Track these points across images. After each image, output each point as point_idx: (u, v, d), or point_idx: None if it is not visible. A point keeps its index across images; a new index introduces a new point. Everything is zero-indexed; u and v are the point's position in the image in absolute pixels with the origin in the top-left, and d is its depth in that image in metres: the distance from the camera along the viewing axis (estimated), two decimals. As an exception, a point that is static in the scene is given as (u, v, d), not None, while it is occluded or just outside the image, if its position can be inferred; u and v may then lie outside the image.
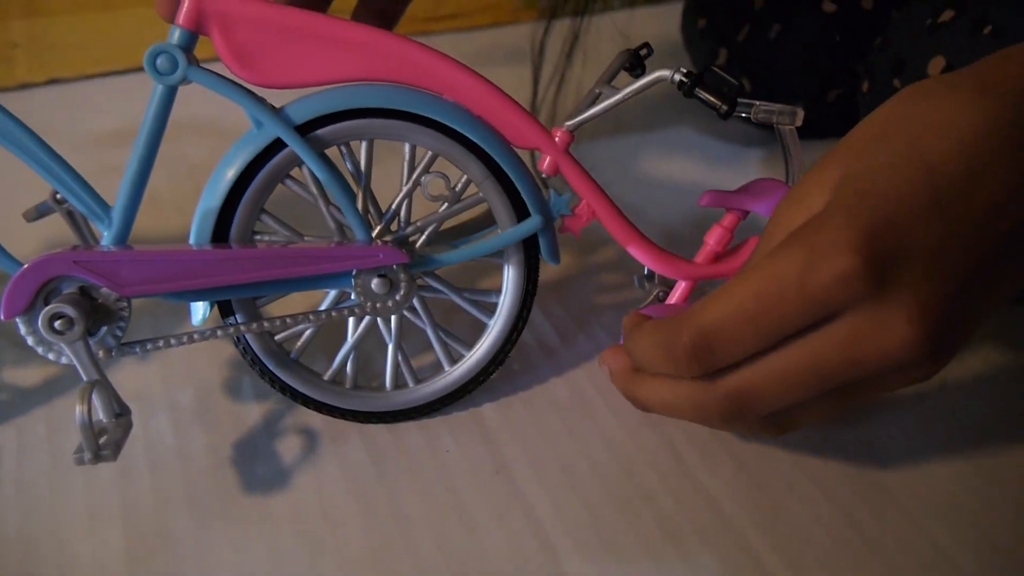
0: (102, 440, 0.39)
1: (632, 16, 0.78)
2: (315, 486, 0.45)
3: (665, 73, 0.42)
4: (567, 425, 0.48)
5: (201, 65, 0.41)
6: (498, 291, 0.47)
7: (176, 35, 0.40)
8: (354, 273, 0.43)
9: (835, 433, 0.48)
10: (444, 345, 0.47)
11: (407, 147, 0.44)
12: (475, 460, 0.47)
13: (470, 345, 0.48)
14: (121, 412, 0.41)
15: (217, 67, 0.41)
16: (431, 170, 0.44)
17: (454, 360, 0.48)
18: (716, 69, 0.42)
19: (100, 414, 0.41)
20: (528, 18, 0.88)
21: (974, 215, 0.34)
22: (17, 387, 0.51)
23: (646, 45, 0.47)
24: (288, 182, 0.44)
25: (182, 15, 0.40)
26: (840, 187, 0.35)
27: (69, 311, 0.39)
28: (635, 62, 0.47)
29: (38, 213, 0.44)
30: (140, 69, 0.40)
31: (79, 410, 0.38)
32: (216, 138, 0.74)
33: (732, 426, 0.39)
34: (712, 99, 0.41)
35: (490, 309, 0.47)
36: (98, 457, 0.38)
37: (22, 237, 0.45)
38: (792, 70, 0.68)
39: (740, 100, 0.42)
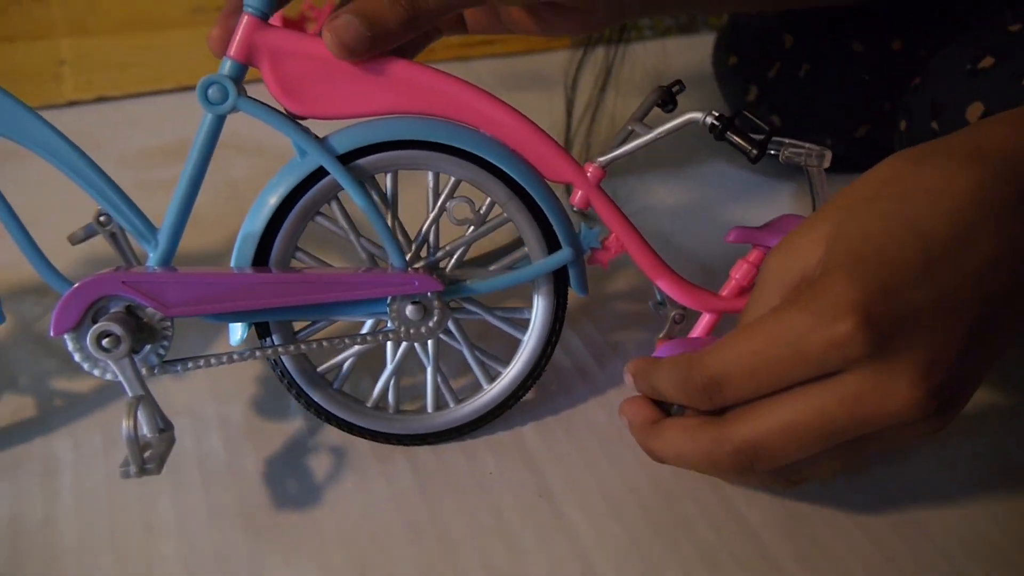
0: (147, 454, 0.40)
1: (664, 46, 0.78)
2: (362, 505, 0.46)
3: (697, 116, 0.43)
4: (606, 451, 0.49)
5: (249, 96, 0.42)
6: (529, 307, 0.48)
7: (227, 66, 0.41)
8: (389, 300, 0.44)
9: (872, 468, 0.48)
10: (481, 364, 0.48)
11: (430, 175, 0.45)
12: (517, 483, 0.47)
13: (506, 362, 0.48)
14: (164, 427, 0.42)
15: (256, 91, 0.42)
16: (454, 195, 0.45)
17: (492, 378, 0.49)
18: (747, 113, 0.42)
19: (144, 429, 0.42)
20: (562, 45, 0.89)
21: (965, 278, 0.35)
22: (72, 394, 0.52)
23: (679, 82, 0.48)
24: (318, 218, 0.45)
25: (234, 47, 0.41)
26: (834, 247, 0.36)
27: (117, 330, 0.40)
28: (667, 98, 0.48)
29: (84, 235, 0.45)
30: (186, 88, 0.42)
31: (125, 425, 0.39)
32: (257, 157, 0.75)
33: (744, 479, 0.41)
34: (742, 143, 0.42)
35: (523, 325, 0.48)
36: (143, 471, 0.39)
37: (64, 254, 0.46)
38: (822, 108, 0.69)
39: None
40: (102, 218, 0.44)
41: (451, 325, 0.47)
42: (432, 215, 0.45)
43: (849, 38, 0.68)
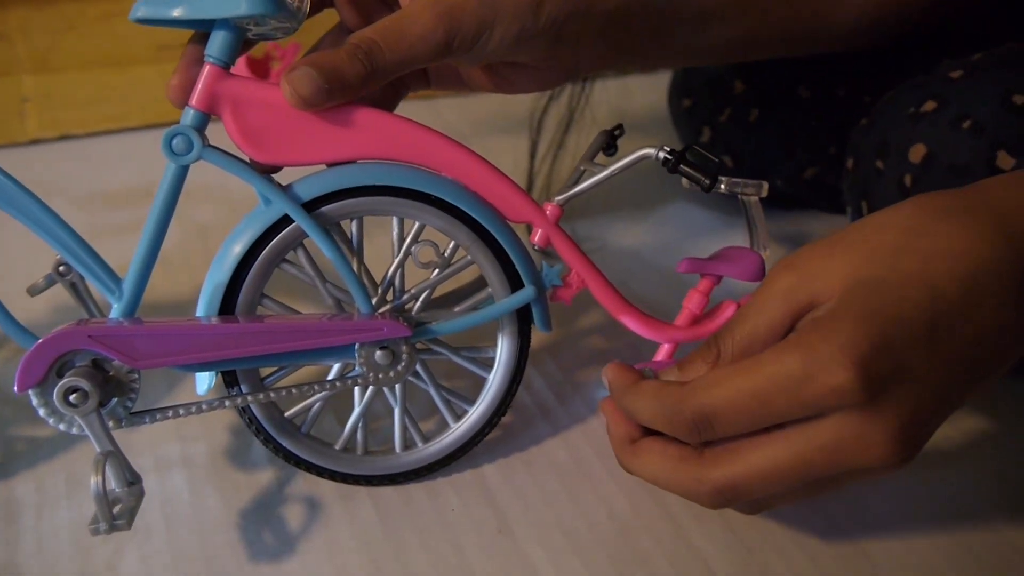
0: (116, 509, 0.39)
1: (626, 85, 0.78)
2: (326, 545, 0.45)
3: (650, 151, 0.43)
4: (566, 487, 0.49)
5: (213, 146, 0.40)
6: (494, 346, 0.47)
7: (190, 116, 0.40)
8: (357, 346, 0.43)
9: (822, 501, 0.48)
10: (447, 403, 0.48)
11: (395, 220, 0.44)
12: (479, 520, 0.47)
13: (472, 400, 0.48)
14: (133, 480, 0.41)
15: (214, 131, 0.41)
16: (419, 239, 0.44)
17: (458, 416, 0.48)
18: (696, 147, 0.43)
19: (113, 483, 0.40)
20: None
21: (961, 344, 0.36)
22: (32, 438, 0.51)
23: (619, 127, 0.49)
24: (284, 265, 0.44)
25: (195, 97, 0.40)
26: (853, 292, 0.36)
27: (84, 385, 0.39)
28: (609, 142, 0.48)
29: (45, 285, 0.43)
30: (151, 126, 0.41)
31: (93, 481, 0.38)
32: (223, 202, 0.73)
33: (717, 507, 0.40)
34: (695, 174, 0.42)
35: (488, 363, 0.47)
36: (113, 527, 0.38)
37: (24, 302, 0.44)
38: (771, 150, 0.70)
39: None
40: (62, 268, 0.43)
41: (418, 366, 0.46)
42: (397, 259, 0.44)
43: (796, 85, 0.69)
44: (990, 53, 0.53)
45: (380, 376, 0.44)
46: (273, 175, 0.42)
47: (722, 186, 0.43)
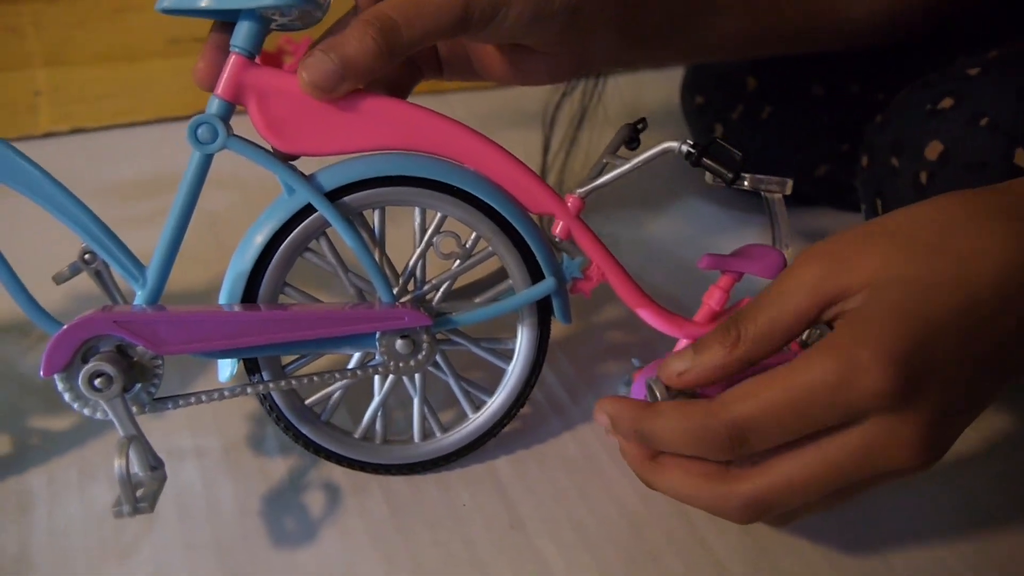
0: (139, 493, 0.39)
1: (639, 80, 0.78)
2: (338, 538, 0.45)
3: (673, 145, 0.43)
4: (578, 483, 0.48)
5: (237, 135, 0.41)
6: (513, 337, 0.47)
7: (215, 105, 0.40)
8: (378, 335, 0.43)
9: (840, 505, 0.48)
10: (467, 394, 0.48)
11: (417, 210, 0.44)
12: (490, 514, 0.46)
13: (491, 392, 0.48)
14: (156, 465, 0.41)
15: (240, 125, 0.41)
16: (441, 230, 0.44)
17: (477, 407, 0.48)
18: (720, 141, 0.42)
19: (136, 467, 0.40)
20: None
21: (991, 346, 0.35)
22: (48, 432, 0.50)
23: (643, 120, 0.48)
24: (307, 254, 0.44)
25: (221, 86, 0.40)
26: (887, 289, 0.35)
27: (109, 370, 0.39)
28: (632, 136, 0.48)
29: (70, 273, 0.43)
30: (163, 120, 0.41)
31: (118, 464, 0.38)
32: (241, 192, 0.73)
33: (745, 522, 0.40)
34: (718, 167, 0.42)
35: (507, 355, 0.47)
36: (136, 509, 0.38)
37: (48, 291, 0.44)
38: (784, 148, 0.70)
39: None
40: (87, 256, 0.43)
41: (438, 357, 0.46)
42: (419, 250, 0.44)
43: (810, 82, 0.69)
44: (1007, 50, 0.53)
45: (400, 365, 0.44)
46: (295, 164, 0.43)
47: (746, 182, 0.42)
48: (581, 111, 0.62)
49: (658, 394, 0.43)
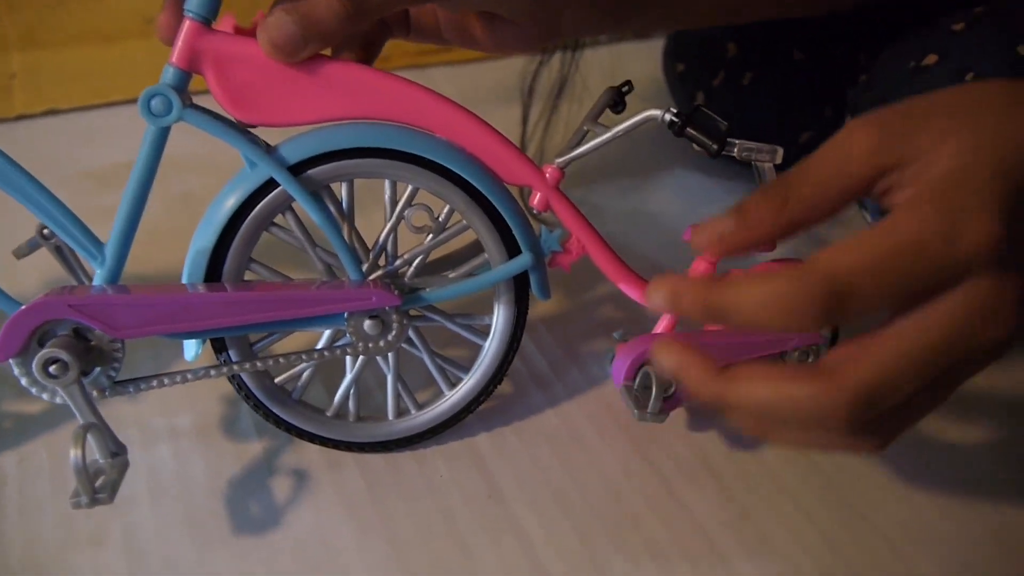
0: (99, 482, 0.37)
1: (619, 52, 0.76)
2: (313, 512, 0.44)
3: (655, 112, 0.41)
4: (557, 453, 0.47)
5: (194, 105, 0.38)
6: (490, 313, 0.45)
7: (170, 74, 0.38)
8: (347, 315, 0.41)
9: (816, 459, 0.47)
10: (442, 371, 0.46)
11: (387, 183, 0.42)
12: (468, 486, 0.45)
13: (467, 368, 0.46)
14: (117, 451, 0.39)
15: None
16: (412, 202, 0.42)
17: (453, 384, 0.46)
18: (705, 109, 0.40)
19: (96, 454, 0.38)
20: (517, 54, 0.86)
21: None
22: (19, 414, 0.49)
23: (628, 83, 0.46)
24: (273, 229, 0.42)
25: (175, 54, 0.38)
26: (953, 149, 0.31)
27: (64, 356, 0.37)
28: (617, 99, 0.46)
29: (28, 249, 0.42)
30: (137, 101, 0.38)
31: (73, 454, 0.36)
32: (207, 169, 0.71)
33: (849, 438, 0.33)
34: (702, 138, 0.40)
35: (484, 331, 0.45)
36: (94, 500, 0.36)
37: (14, 270, 0.42)
38: (766, 114, 0.68)
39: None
40: (45, 231, 0.41)
41: (411, 333, 0.44)
42: (390, 224, 0.42)
43: (791, 47, 0.67)
44: (992, 6, 0.51)
45: (370, 346, 0.42)
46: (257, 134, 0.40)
47: (735, 151, 0.40)
48: (560, 80, 0.60)
49: (654, 381, 0.42)
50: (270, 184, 0.40)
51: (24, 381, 0.38)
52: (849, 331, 0.34)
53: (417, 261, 0.43)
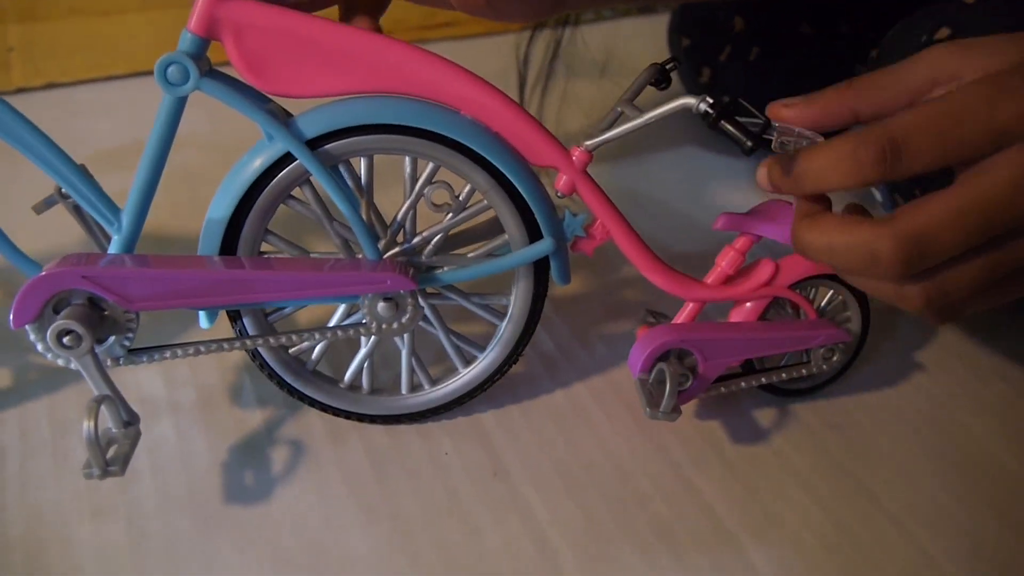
0: (110, 453, 0.37)
1: (622, 26, 0.75)
2: (315, 488, 0.43)
3: (690, 101, 0.39)
4: (563, 431, 0.47)
5: (213, 73, 0.37)
6: (507, 293, 0.44)
7: (187, 40, 0.37)
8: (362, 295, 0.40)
9: (822, 438, 0.47)
10: (457, 349, 0.45)
11: (407, 159, 0.41)
12: (473, 463, 0.45)
13: (482, 347, 0.45)
14: (130, 420, 0.38)
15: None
16: (432, 180, 0.41)
17: (468, 361, 0.46)
18: (742, 102, 0.39)
19: (109, 423, 0.38)
20: (520, 27, 0.85)
21: None
22: (20, 387, 0.48)
23: (674, 60, 0.45)
24: (290, 202, 0.41)
25: (193, 20, 0.37)
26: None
27: (77, 328, 0.36)
28: (662, 76, 0.44)
29: (46, 205, 0.41)
30: (137, 74, 0.37)
31: (86, 426, 0.35)
32: (214, 148, 0.70)
33: (900, 284, 0.37)
34: (737, 134, 0.39)
35: (501, 311, 0.45)
36: (106, 472, 0.36)
37: (35, 226, 0.42)
38: (772, 90, 0.67)
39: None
40: (63, 190, 0.40)
41: (428, 310, 0.44)
42: (409, 201, 0.41)
43: (798, 21, 0.66)
44: None
45: (384, 327, 0.41)
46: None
47: (774, 144, 0.39)
48: (555, 43, 0.59)
49: (668, 378, 0.42)
50: (288, 156, 0.39)
51: (39, 347, 0.38)
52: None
53: (436, 239, 0.42)
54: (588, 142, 0.41)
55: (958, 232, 0.34)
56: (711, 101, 0.39)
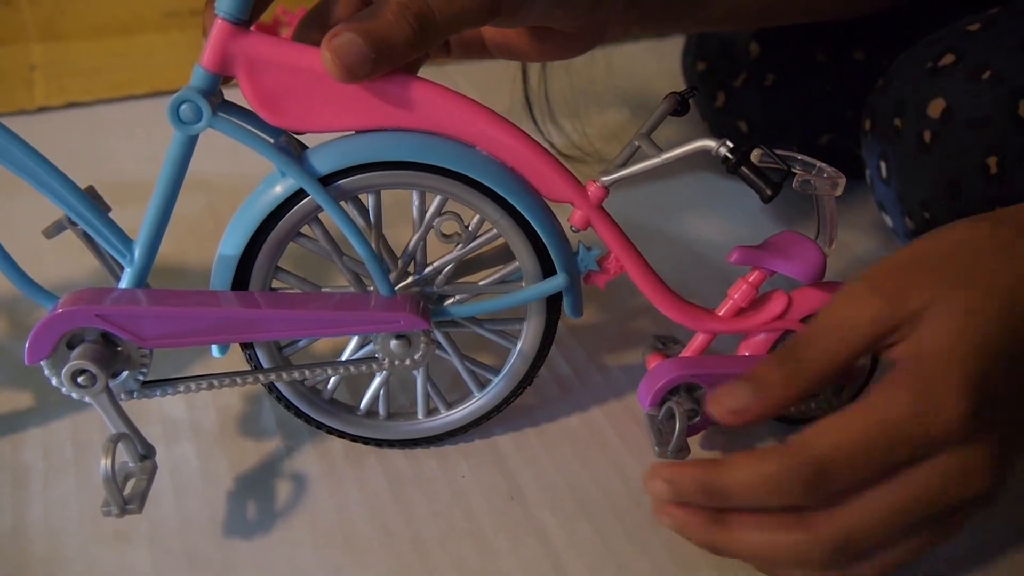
0: (127, 490, 0.37)
1: (636, 50, 0.74)
2: (335, 509, 0.43)
3: (710, 144, 0.38)
4: (579, 454, 0.47)
5: (226, 108, 0.37)
6: (520, 318, 0.44)
7: (200, 77, 0.36)
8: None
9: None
10: (472, 373, 0.45)
11: (415, 193, 0.40)
12: (490, 486, 0.45)
13: (496, 371, 0.45)
14: (146, 454, 0.38)
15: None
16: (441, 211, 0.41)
17: (483, 385, 0.45)
18: (764, 148, 0.38)
19: (125, 457, 0.38)
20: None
21: None
22: (43, 408, 0.48)
23: (693, 88, 0.44)
24: (299, 239, 0.40)
25: (206, 55, 0.36)
26: (942, 324, 0.34)
27: (91, 368, 0.36)
28: (680, 107, 0.43)
29: (56, 229, 0.40)
30: (158, 94, 0.37)
31: (103, 464, 0.35)
32: (234, 164, 0.70)
33: (828, 572, 0.36)
34: (757, 182, 0.38)
35: (513, 335, 0.44)
36: (124, 511, 0.36)
37: (46, 251, 0.42)
38: (786, 116, 0.67)
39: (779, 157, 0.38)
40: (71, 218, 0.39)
41: (441, 337, 0.43)
42: (418, 233, 0.41)
43: (813, 49, 0.65)
44: (1009, 6, 0.50)
45: (396, 363, 0.41)
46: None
47: (794, 183, 0.38)
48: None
49: (678, 416, 0.41)
50: (299, 193, 0.38)
51: (54, 381, 0.37)
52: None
53: (447, 269, 0.42)
54: (604, 178, 0.40)
55: (884, 531, 0.34)
56: (731, 146, 0.38)
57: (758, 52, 0.66)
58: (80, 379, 0.36)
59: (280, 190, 0.38)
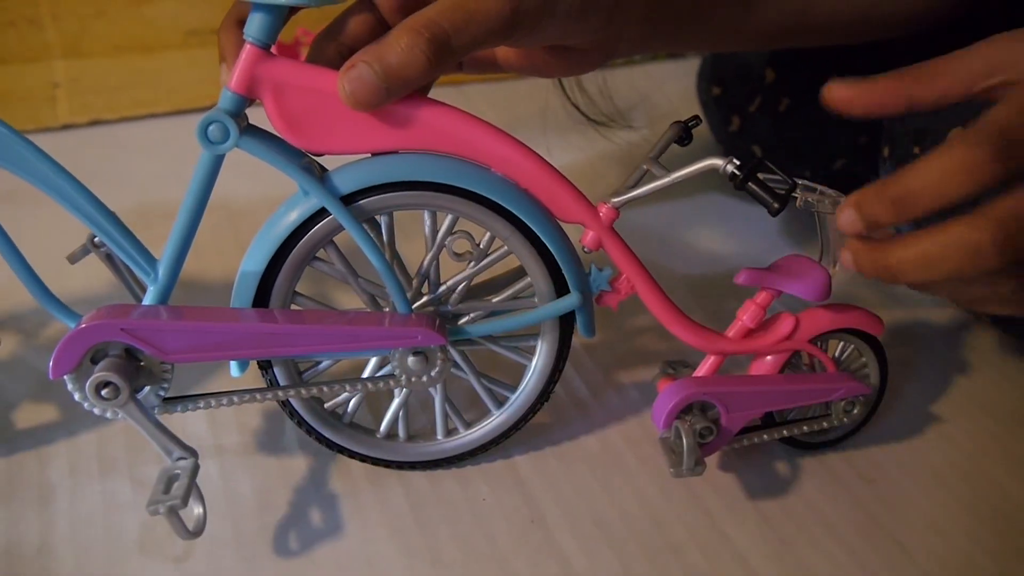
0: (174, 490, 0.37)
1: (652, 71, 0.74)
2: (357, 531, 0.43)
3: (718, 162, 0.39)
4: (599, 478, 0.46)
5: (251, 130, 0.37)
6: (535, 333, 0.44)
7: (228, 99, 0.37)
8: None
9: (854, 489, 0.46)
10: (489, 391, 0.45)
11: (426, 213, 0.41)
12: (511, 509, 0.45)
13: (513, 388, 0.45)
14: (185, 456, 0.39)
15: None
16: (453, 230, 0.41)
17: (500, 403, 0.45)
18: (769, 164, 0.39)
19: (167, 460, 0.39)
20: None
21: None
22: (68, 425, 0.48)
23: (696, 118, 0.44)
24: (315, 263, 0.41)
25: (234, 79, 0.37)
26: None
27: (115, 379, 0.36)
28: (684, 134, 0.44)
29: (81, 254, 0.41)
30: (181, 112, 0.38)
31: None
32: (257, 182, 0.70)
33: (1006, 274, 0.34)
34: (764, 196, 0.38)
35: (528, 351, 0.44)
36: (170, 509, 0.37)
37: (70, 276, 0.43)
38: (800, 141, 0.67)
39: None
40: (96, 239, 0.40)
41: (457, 356, 0.44)
42: (431, 253, 0.41)
43: (828, 74, 0.65)
44: None
45: (413, 380, 0.41)
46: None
47: (798, 202, 0.39)
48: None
49: (684, 436, 0.42)
50: (321, 211, 0.39)
51: (77, 396, 0.38)
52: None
53: (460, 288, 0.42)
54: (615, 199, 0.41)
55: None
56: (738, 163, 0.38)
57: (773, 77, 0.66)
58: (104, 391, 0.36)
59: (302, 209, 0.39)
